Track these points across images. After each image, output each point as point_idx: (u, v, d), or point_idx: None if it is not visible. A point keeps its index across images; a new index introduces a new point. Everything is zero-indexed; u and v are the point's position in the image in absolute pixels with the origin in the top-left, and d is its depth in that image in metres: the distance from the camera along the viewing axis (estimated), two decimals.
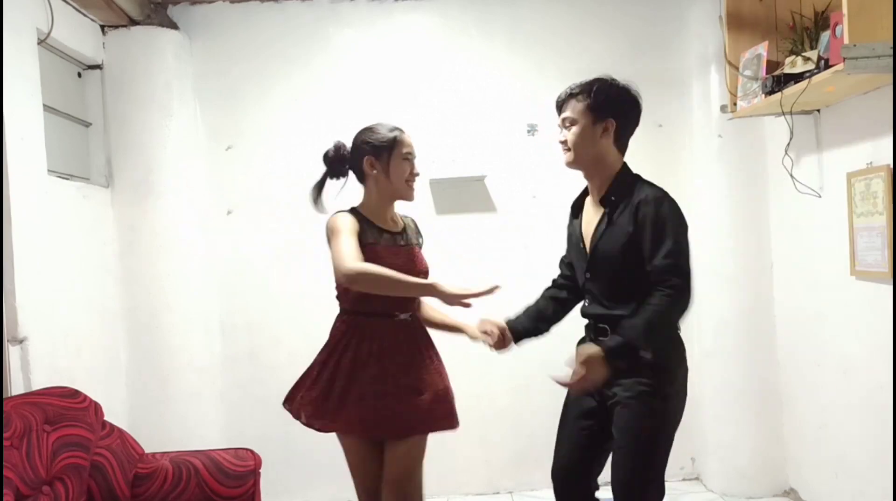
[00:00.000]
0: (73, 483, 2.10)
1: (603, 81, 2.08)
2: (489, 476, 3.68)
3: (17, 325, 2.38)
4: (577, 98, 2.06)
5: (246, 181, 3.57)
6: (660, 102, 3.61)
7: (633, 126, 2.14)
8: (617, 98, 2.06)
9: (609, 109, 2.04)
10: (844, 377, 2.85)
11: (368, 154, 2.24)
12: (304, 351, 3.57)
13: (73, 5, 2.99)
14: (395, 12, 3.59)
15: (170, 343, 3.28)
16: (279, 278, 3.56)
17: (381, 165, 2.23)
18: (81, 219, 3.01)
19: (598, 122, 2.04)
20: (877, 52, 2.14)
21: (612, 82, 2.08)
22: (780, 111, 2.75)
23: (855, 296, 2.74)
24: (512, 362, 3.64)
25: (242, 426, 3.53)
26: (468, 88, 3.61)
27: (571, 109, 2.06)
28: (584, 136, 2.05)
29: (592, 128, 2.04)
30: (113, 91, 3.27)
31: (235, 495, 2.34)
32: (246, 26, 3.54)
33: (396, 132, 2.24)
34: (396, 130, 2.25)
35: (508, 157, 3.62)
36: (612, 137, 2.06)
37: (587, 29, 3.61)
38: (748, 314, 3.42)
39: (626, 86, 2.10)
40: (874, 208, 2.55)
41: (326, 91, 3.57)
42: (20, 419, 2.00)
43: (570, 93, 2.08)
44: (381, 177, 2.24)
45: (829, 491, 3.03)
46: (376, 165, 2.24)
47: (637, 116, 2.13)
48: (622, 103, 2.07)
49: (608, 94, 2.05)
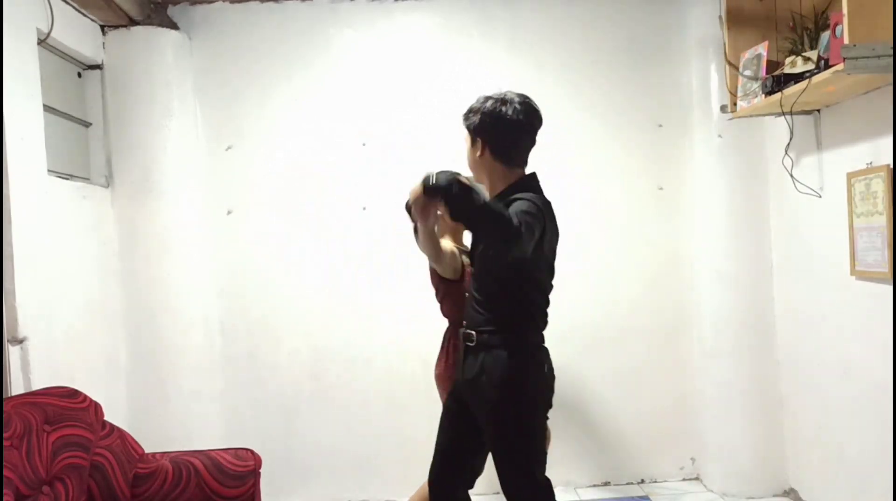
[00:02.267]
0: (73, 483, 2.10)
1: (476, 104, 2.16)
2: (489, 476, 3.67)
3: (17, 325, 2.38)
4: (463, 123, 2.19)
5: (246, 181, 3.57)
6: (660, 102, 3.61)
7: (510, 140, 2.15)
8: (482, 118, 2.12)
9: (478, 130, 2.14)
10: (844, 377, 2.85)
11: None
12: (305, 351, 3.61)
13: (73, 5, 2.99)
14: (395, 13, 3.59)
15: (170, 343, 3.28)
16: (279, 278, 3.56)
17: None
18: (81, 219, 3.01)
19: (475, 142, 2.16)
20: (877, 52, 2.14)
21: (482, 104, 2.14)
22: (780, 111, 2.75)
23: (855, 296, 2.74)
24: None
25: (242, 427, 3.53)
26: (468, 88, 3.59)
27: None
28: (468, 155, 2.19)
29: (471, 148, 2.18)
30: (113, 91, 3.27)
31: (235, 495, 2.34)
32: (246, 26, 3.55)
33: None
34: None
35: None
36: (490, 153, 2.14)
37: (587, 29, 3.61)
38: (748, 314, 3.42)
39: (495, 104, 2.12)
40: (874, 208, 2.55)
41: (326, 91, 3.57)
42: (20, 419, 2.00)
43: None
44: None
45: (829, 491, 3.03)
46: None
47: (509, 130, 2.13)
48: (487, 123, 2.12)
49: (474, 116, 2.14)
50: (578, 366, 3.65)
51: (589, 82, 3.62)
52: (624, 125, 3.62)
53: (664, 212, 3.66)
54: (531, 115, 2.16)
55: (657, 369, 3.65)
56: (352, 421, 3.59)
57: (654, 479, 3.68)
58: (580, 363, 3.65)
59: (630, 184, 3.64)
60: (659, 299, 3.66)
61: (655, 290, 3.66)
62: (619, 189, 3.64)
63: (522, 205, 1.95)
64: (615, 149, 3.63)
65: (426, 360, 3.64)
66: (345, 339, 3.57)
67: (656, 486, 3.62)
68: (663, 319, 3.68)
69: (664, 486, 3.62)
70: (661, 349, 3.66)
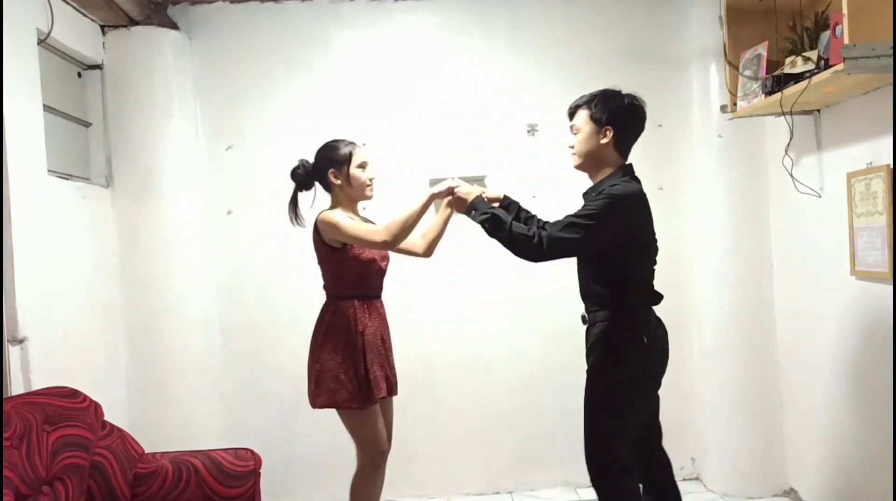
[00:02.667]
0: (73, 483, 2.10)
1: (606, 94, 2.38)
2: (489, 476, 3.68)
3: (17, 325, 2.38)
4: (581, 108, 2.39)
5: (246, 181, 3.57)
6: (660, 102, 3.60)
7: (635, 134, 2.42)
8: (619, 109, 2.35)
9: (611, 120, 2.34)
10: (844, 377, 2.85)
11: (332, 167, 2.63)
12: (305, 351, 3.59)
13: (73, 5, 2.99)
14: (396, 13, 3.60)
15: (170, 343, 3.28)
16: (279, 278, 3.56)
17: (343, 175, 2.62)
18: (81, 219, 3.01)
19: (601, 129, 2.35)
20: (877, 52, 2.14)
21: (615, 96, 2.38)
22: (780, 111, 2.75)
23: (855, 296, 2.74)
24: (512, 362, 3.65)
25: (242, 427, 3.53)
26: (468, 88, 3.61)
27: (578, 118, 2.40)
28: (586, 139, 2.38)
29: (593, 134, 2.36)
30: (113, 91, 3.27)
31: (235, 495, 2.34)
32: (246, 26, 3.54)
33: (351, 147, 2.64)
34: (351, 144, 2.65)
35: (508, 157, 3.62)
36: (614, 142, 2.35)
37: (587, 29, 3.61)
38: (748, 314, 3.42)
39: (630, 99, 2.38)
40: (874, 208, 2.55)
41: (326, 91, 3.58)
42: (20, 419, 2.00)
43: (577, 104, 2.42)
44: (344, 184, 2.63)
45: (829, 491, 3.03)
46: (339, 176, 2.63)
47: (639, 125, 2.42)
48: (624, 114, 2.35)
49: (607, 104, 2.35)
50: (578, 366, 3.65)
51: (589, 82, 3.57)
52: None
53: (664, 212, 3.64)
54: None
55: None
56: None
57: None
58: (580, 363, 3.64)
59: None
60: None
61: None
62: None
63: (594, 204, 2.27)
64: None
65: (426, 359, 3.64)
66: None
67: None
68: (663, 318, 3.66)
69: None
70: None
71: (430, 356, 3.64)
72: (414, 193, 2.92)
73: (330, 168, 2.62)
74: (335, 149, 2.64)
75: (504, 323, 3.64)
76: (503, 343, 3.65)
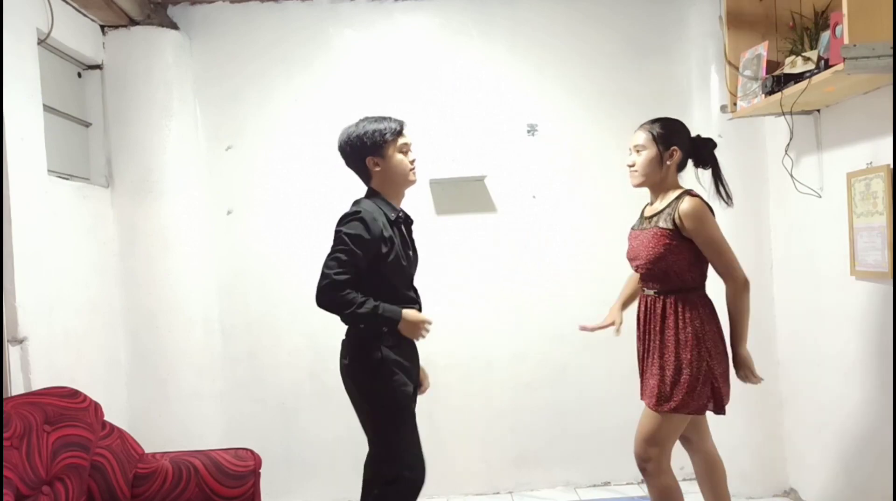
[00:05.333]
0: (73, 483, 2.10)
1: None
2: (489, 476, 3.68)
3: (17, 325, 2.38)
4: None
5: (246, 181, 3.57)
6: (660, 103, 3.61)
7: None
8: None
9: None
10: (844, 376, 2.85)
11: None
12: (305, 351, 3.60)
13: (73, 5, 2.99)
14: (395, 13, 3.60)
15: (170, 343, 3.28)
16: (279, 278, 3.56)
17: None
18: (81, 219, 3.01)
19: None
20: (877, 52, 2.14)
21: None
22: (780, 111, 2.75)
23: (855, 296, 2.74)
24: (512, 362, 3.66)
25: (242, 427, 3.53)
26: (468, 88, 3.61)
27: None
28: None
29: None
30: (113, 91, 3.27)
31: (235, 495, 2.34)
32: (246, 26, 3.55)
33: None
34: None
35: (508, 157, 3.62)
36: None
37: (587, 29, 3.61)
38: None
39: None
40: (874, 208, 2.55)
41: (326, 91, 3.58)
42: (20, 419, 2.00)
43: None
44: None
45: (829, 491, 3.03)
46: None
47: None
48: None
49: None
50: (578, 366, 3.66)
51: (589, 82, 3.63)
52: (624, 125, 3.60)
53: None
54: None
55: None
56: (352, 421, 3.55)
57: None
58: (580, 363, 3.65)
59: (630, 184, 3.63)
60: None
61: None
62: (619, 189, 3.63)
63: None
64: (615, 148, 3.62)
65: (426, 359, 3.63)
66: None
67: None
68: None
69: None
70: None
71: (430, 356, 3.63)
72: (414, 193, 2.91)
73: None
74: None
75: (504, 323, 3.64)
76: (503, 343, 3.65)
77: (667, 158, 2.49)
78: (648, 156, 2.50)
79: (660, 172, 2.51)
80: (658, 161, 2.50)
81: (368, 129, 2.42)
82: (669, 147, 2.49)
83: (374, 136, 2.40)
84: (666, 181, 2.53)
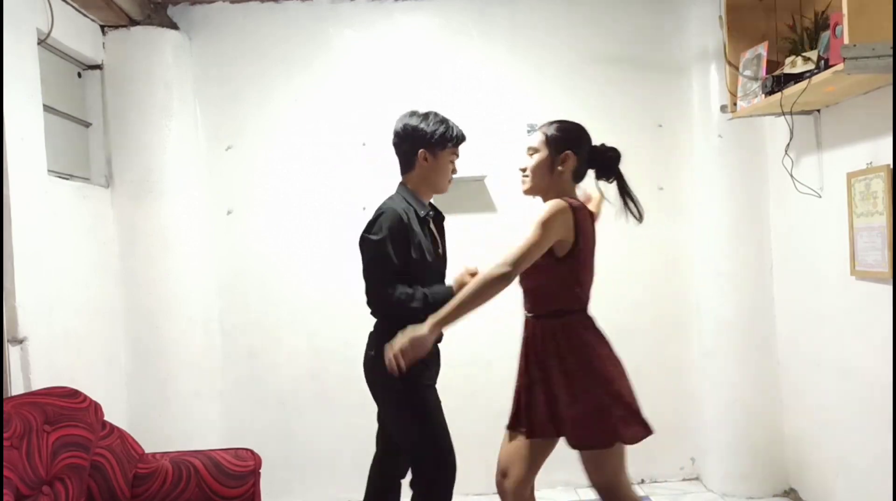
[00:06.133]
0: (73, 483, 2.10)
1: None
2: (489, 476, 3.66)
3: (17, 325, 2.38)
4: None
5: (246, 181, 3.57)
6: (660, 102, 3.61)
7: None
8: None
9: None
10: (844, 377, 2.85)
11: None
12: (304, 351, 3.60)
13: (73, 5, 2.99)
14: (395, 13, 3.59)
15: (170, 343, 3.28)
16: (279, 278, 3.56)
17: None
18: (81, 219, 3.01)
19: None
20: (877, 52, 2.14)
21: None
22: (780, 111, 2.75)
23: (855, 296, 2.74)
24: (512, 361, 3.65)
25: (242, 427, 3.53)
26: (468, 88, 3.61)
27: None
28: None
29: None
30: (113, 91, 3.26)
31: (235, 495, 2.34)
32: (246, 26, 3.55)
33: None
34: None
35: (508, 157, 3.62)
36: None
37: (587, 29, 3.61)
38: (748, 314, 3.42)
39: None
40: (874, 208, 2.55)
41: (326, 91, 3.58)
42: (20, 419, 2.00)
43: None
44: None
45: (829, 491, 3.03)
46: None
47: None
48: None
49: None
50: None
51: (589, 82, 3.62)
52: (624, 125, 3.62)
53: (664, 212, 3.66)
54: None
55: (657, 369, 3.65)
56: (352, 421, 3.58)
57: (654, 479, 3.68)
58: None
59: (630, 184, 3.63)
60: (659, 299, 3.66)
61: (655, 290, 3.65)
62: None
63: None
64: None
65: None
66: (344, 339, 3.55)
67: (656, 486, 3.62)
68: (663, 319, 3.68)
69: (664, 486, 3.62)
70: (660, 349, 3.66)
71: None
72: None
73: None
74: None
75: (504, 323, 3.64)
76: (503, 343, 3.64)
77: (558, 163, 2.24)
78: (539, 160, 2.26)
79: (549, 178, 2.26)
80: (548, 166, 2.25)
81: (437, 127, 2.43)
82: (562, 152, 2.24)
83: (437, 134, 2.42)
84: (556, 190, 2.25)
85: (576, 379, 2.16)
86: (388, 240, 2.27)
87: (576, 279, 2.22)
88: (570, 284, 2.22)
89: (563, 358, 2.19)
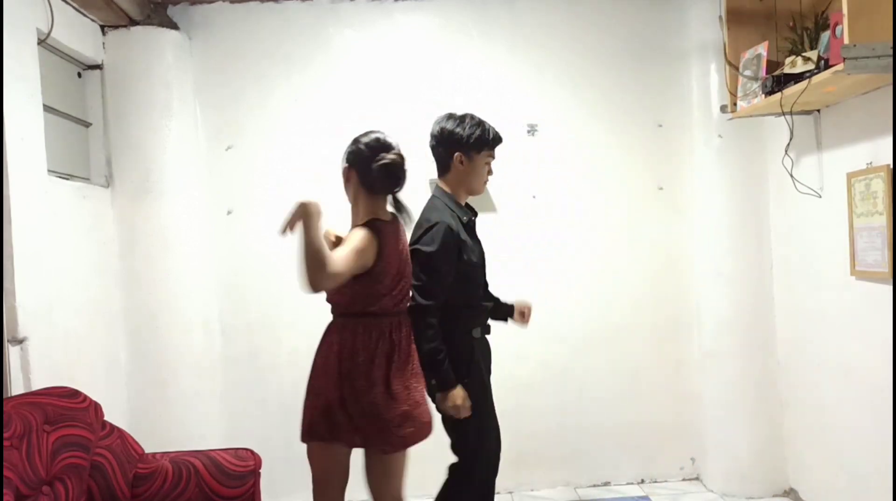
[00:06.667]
0: (73, 483, 2.10)
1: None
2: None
3: (17, 325, 2.38)
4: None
5: (246, 181, 3.56)
6: (660, 102, 3.61)
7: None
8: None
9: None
10: (844, 377, 2.85)
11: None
12: (305, 351, 3.58)
13: (73, 5, 2.99)
14: (395, 13, 3.59)
15: (170, 343, 3.28)
16: (279, 279, 3.56)
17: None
18: (81, 219, 3.01)
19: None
20: (877, 52, 2.14)
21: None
22: (780, 111, 2.75)
23: (855, 296, 2.74)
24: (512, 362, 3.65)
25: (242, 426, 3.53)
26: (468, 88, 3.61)
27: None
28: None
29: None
30: (113, 91, 3.26)
31: (235, 495, 2.34)
32: (246, 26, 3.54)
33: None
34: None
35: (508, 157, 3.61)
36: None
37: (587, 29, 3.61)
38: (748, 314, 3.42)
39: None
40: (874, 208, 2.55)
41: (326, 91, 3.57)
42: (20, 419, 2.00)
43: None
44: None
45: (829, 491, 3.03)
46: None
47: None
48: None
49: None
50: (578, 366, 3.66)
51: (589, 82, 3.62)
52: (624, 125, 3.62)
53: (664, 212, 3.66)
54: None
55: (657, 368, 3.66)
56: None
57: (654, 479, 3.68)
58: (580, 363, 3.65)
59: (630, 184, 3.64)
60: (659, 299, 3.66)
61: (655, 290, 3.66)
62: (619, 189, 3.65)
63: None
64: (615, 148, 3.63)
65: None
66: None
67: (656, 486, 3.62)
68: (663, 318, 3.68)
69: (664, 486, 3.62)
70: (661, 349, 3.66)
71: None
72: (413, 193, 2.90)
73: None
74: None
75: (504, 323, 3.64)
76: (503, 343, 3.63)
77: (343, 177, 2.26)
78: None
79: (349, 192, 2.27)
80: (345, 179, 2.26)
81: (474, 130, 2.44)
82: (346, 165, 2.24)
83: (473, 137, 2.44)
84: (356, 206, 2.24)
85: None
86: (439, 253, 2.30)
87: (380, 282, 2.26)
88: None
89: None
